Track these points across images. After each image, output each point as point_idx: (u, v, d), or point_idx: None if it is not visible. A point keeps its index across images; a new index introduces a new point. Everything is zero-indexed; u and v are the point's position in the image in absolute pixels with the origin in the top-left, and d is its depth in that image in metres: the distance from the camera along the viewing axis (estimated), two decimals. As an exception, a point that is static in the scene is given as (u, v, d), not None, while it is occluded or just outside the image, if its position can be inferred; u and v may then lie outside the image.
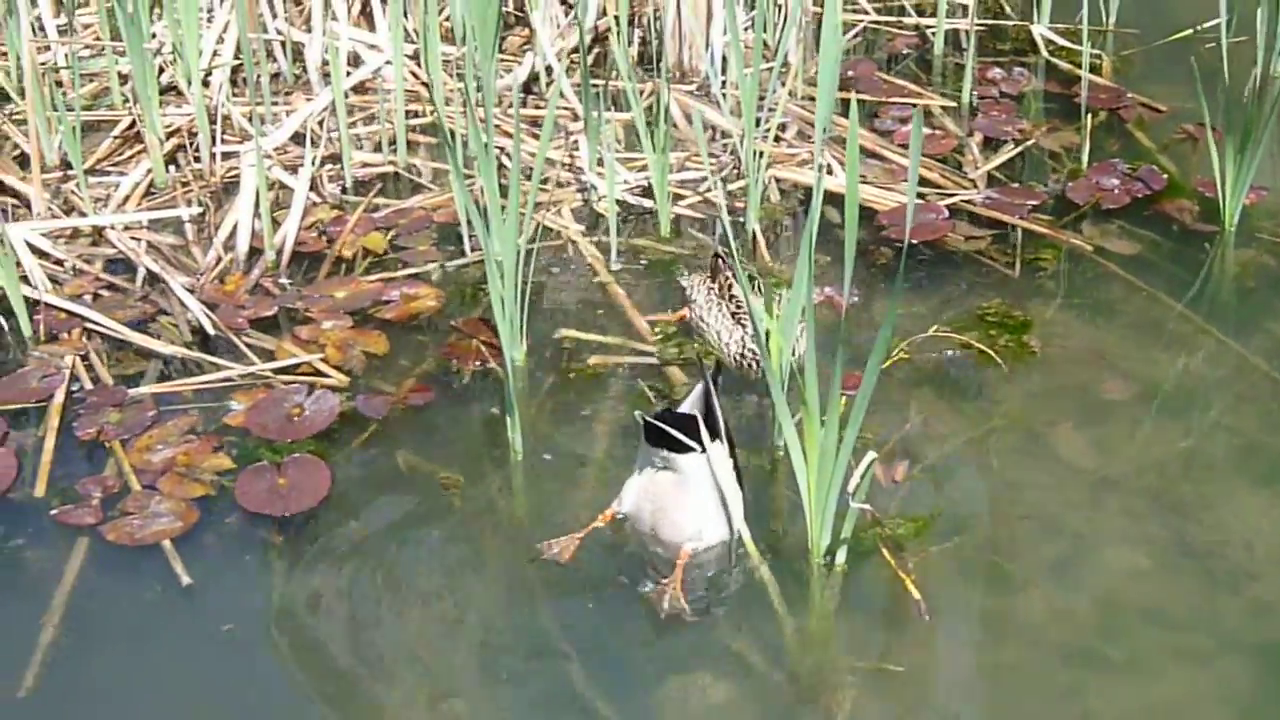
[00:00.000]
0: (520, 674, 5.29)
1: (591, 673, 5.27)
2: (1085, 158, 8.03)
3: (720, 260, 6.63)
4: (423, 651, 5.39)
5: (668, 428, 5.37)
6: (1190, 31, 9.11)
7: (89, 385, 6.53)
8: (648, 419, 5.39)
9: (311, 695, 5.25)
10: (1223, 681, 5.22)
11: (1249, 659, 5.29)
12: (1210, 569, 5.63)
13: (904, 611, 5.44)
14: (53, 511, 5.89)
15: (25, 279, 7.04)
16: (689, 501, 5.48)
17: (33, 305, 6.93)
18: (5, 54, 8.43)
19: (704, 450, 5.40)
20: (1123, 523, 5.83)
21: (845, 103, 7.48)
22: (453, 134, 7.13)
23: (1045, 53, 9.15)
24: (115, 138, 8.15)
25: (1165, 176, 7.85)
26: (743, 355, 6.31)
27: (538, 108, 8.37)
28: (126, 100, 8.33)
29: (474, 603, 5.54)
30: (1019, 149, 8.23)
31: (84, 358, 6.69)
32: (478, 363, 6.59)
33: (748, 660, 5.33)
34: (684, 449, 5.39)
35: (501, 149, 7.80)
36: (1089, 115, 8.28)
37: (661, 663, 5.31)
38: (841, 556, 5.57)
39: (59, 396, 6.43)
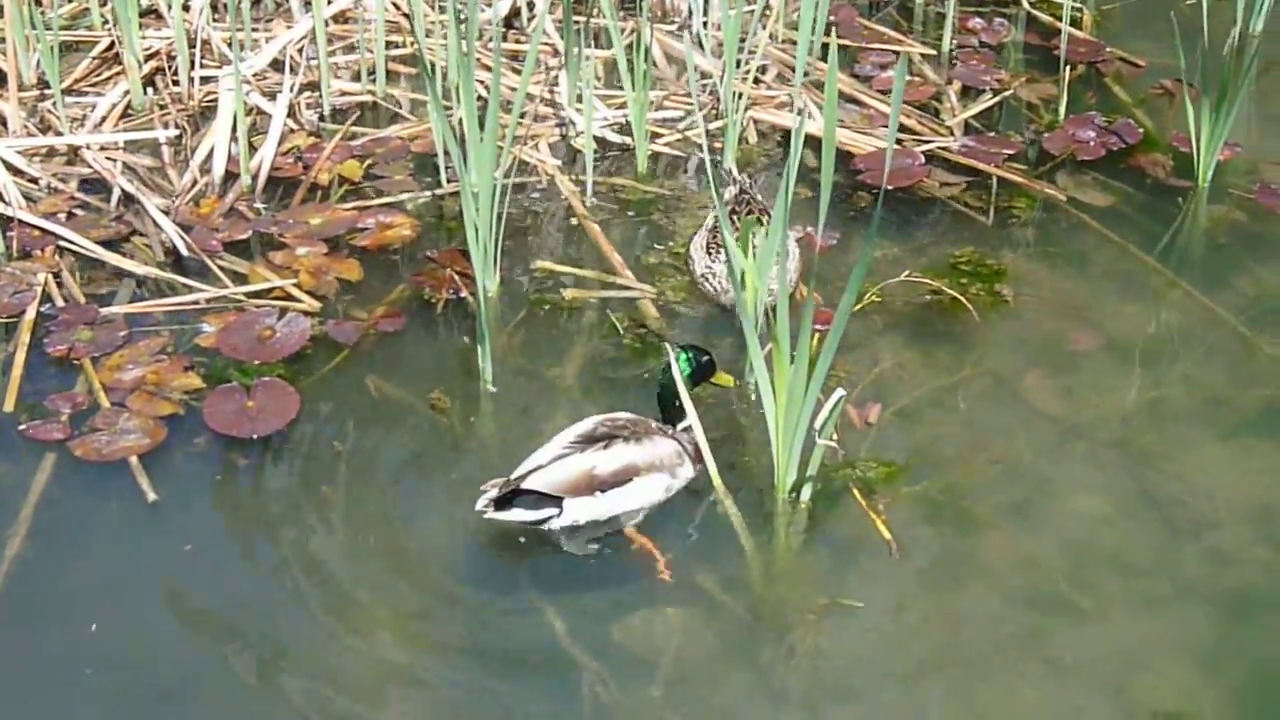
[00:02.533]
0: (476, 602, 5.34)
1: (553, 605, 5.32)
2: (1062, 109, 8.07)
3: (739, 202, 6.76)
4: (378, 573, 5.44)
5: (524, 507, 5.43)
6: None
7: (61, 303, 6.54)
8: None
9: (268, 612, 5.30)
10: (1181, 626, 5.30)
11: (1207, 605, 5.37)
12: (1171, 517, 5.71)
13: (867, 549, 5.52)
14: (21, 426, 5.92)
15: (0, 196, 7.02)
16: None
17: (6, 222, 6.92)
18: (-18, -29, 8.38)
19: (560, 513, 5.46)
20: (1088, 470, 5.90)
21: (825, 47, 7.47)
22: (432, 66, 7.10)
23: (1026, 4, 9.16)
24: (93, 58, 8.12)
25: (1141, 131, 7.89)
26: (704, 277, 6.45)
27: (518, 42, 8.36)
28: (106, 21, 8.29)
29: (430, 531, 5.59)
30: (997, 99, 8.26)
31: (56, 275, 6.70)
32: (451, 292, 6.61)
33: (711, 593, 5.38)
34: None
35: (481, 82, 7.78)
36: (1068, 68, 8.29)
37: (625, 595, 5.36)
38: (807, 494, 5.62)
39: (30, 313, 6.44)
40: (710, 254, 6.53)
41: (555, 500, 5.42)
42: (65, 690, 5.04)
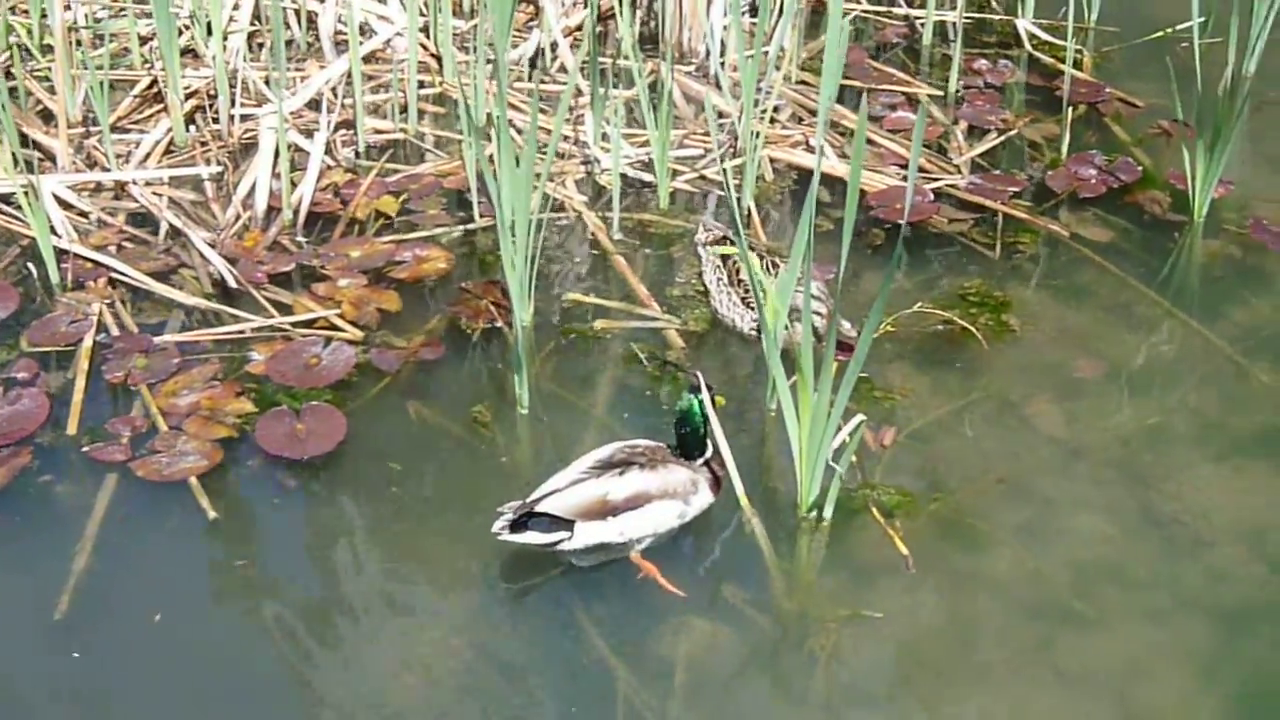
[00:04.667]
0: (514, 612, 5.67)
1: (586, 613, 5.65)
2: (1064, 148, 8.38)
3: (731, 244, 7.06)
4: (424, 585, 5.77)
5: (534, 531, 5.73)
6: (1168, 31, 9.47)
7: (115, 332, 6.86)
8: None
9: (323, 623, 5.63)
10: (1180, 638, 5.61)
11: (1205, 618, 5.68)
12: (1171, 535, 6.02)
13: (883, 564, 5.83)
14: (84, 448, 6.23)
15: (52, 229, 7.34)
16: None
17: (60, 255, 7.25)
18: (27, 12, 8.72)
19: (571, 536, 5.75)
20: (1091, 490, 6.21)
21: (842, 90, 7.79)
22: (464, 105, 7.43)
23: (1029, 46, 9.49)
24: (135, 96, 8.45)
25: (1140, 168, 8.20)
26: (755, 332, 6.72)
27: (541, 83, 8.69)
28: (146, 61, 8.64)
29: (469, 545, 5.89)
30: (1002, 138, 8.58)
31: (110, 305, 7.02)
32: (487, 322, 6.94)
33: (736, 605, 5.70)
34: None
35: (509, 121, 8.11)
36: (1069, 108, 8.62)
37: (654, 607, 5.68)
38: (828, 512, 5.94)
39: (87, 341, 6.76)
40: (727, 290, 6.90)
41: (568, 524, 5.71)
42: (127, 699, 5.35)
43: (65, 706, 5.32)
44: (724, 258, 7.05)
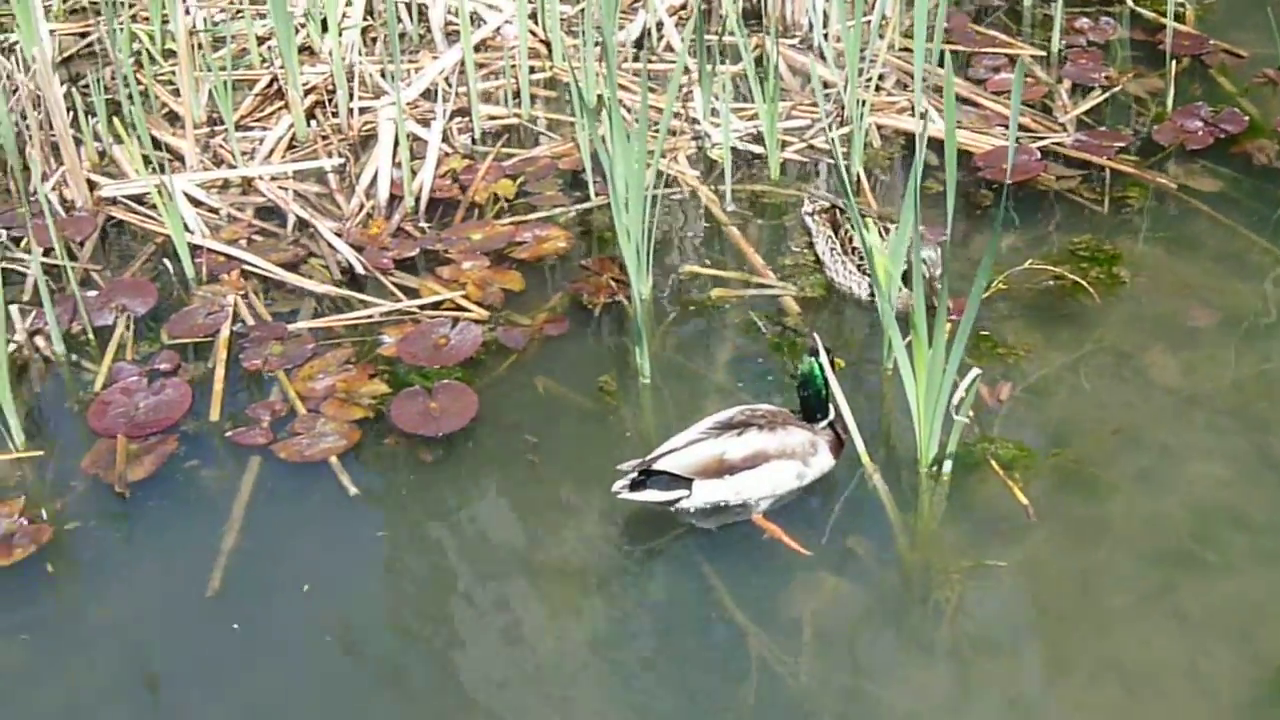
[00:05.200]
0: (644, 573, 5.89)
1: (715, 572, 5.83)
2: (1170, 102, 8.44)
3: (840, 213, 7.20)
4: (558, 549, 5.99)
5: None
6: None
7: (250, 321, 7.12)
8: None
9: (464, 588, 5.88)
10: (1301, 579, 5.71)
11: (1325, 558, 5.78)
12: (1289, 479, 6.11)
13: (1005, 515, 5.96)
14: (227, 433, 6.50)
15: (185, 226, 7.62)
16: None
17: (194, 250, 7.53)
18: (148, 19, 9.02)
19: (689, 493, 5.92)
20: (1207, 437, 6.31)
21: (942, 53, 7.90)
22: (576, 88, 7.62)
23: (1130, 2, 9.52)
24: (256, 95, 8.73)
25: (1246, 118, 8.24)
26: (872, 297, 6.84)
27: (650, 63, 8.86)
28: (264, 60, 8.91)
29: (606, 510, 6.09)
30: (1106, 94, 8.65)
31: (244, 296, 7.29)
32: (607, 297, 7.14)
33: (862, 559, 5.87)
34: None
35: (620, 102, 8.28)
36: (1173, 61, 8.67)
37: (780, 565, 5.85)
38: (948, 467, 6.08)
39: (224, 331, 7.03)
40: (841, 259, 7.06)
41: (686, 482, 5.87)
42: (283, 667, 5.60)
43: (227, 674, 5.57)
44: (835, 228, 7.18)
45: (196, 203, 7.91)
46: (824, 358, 6.07)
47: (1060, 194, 7.80)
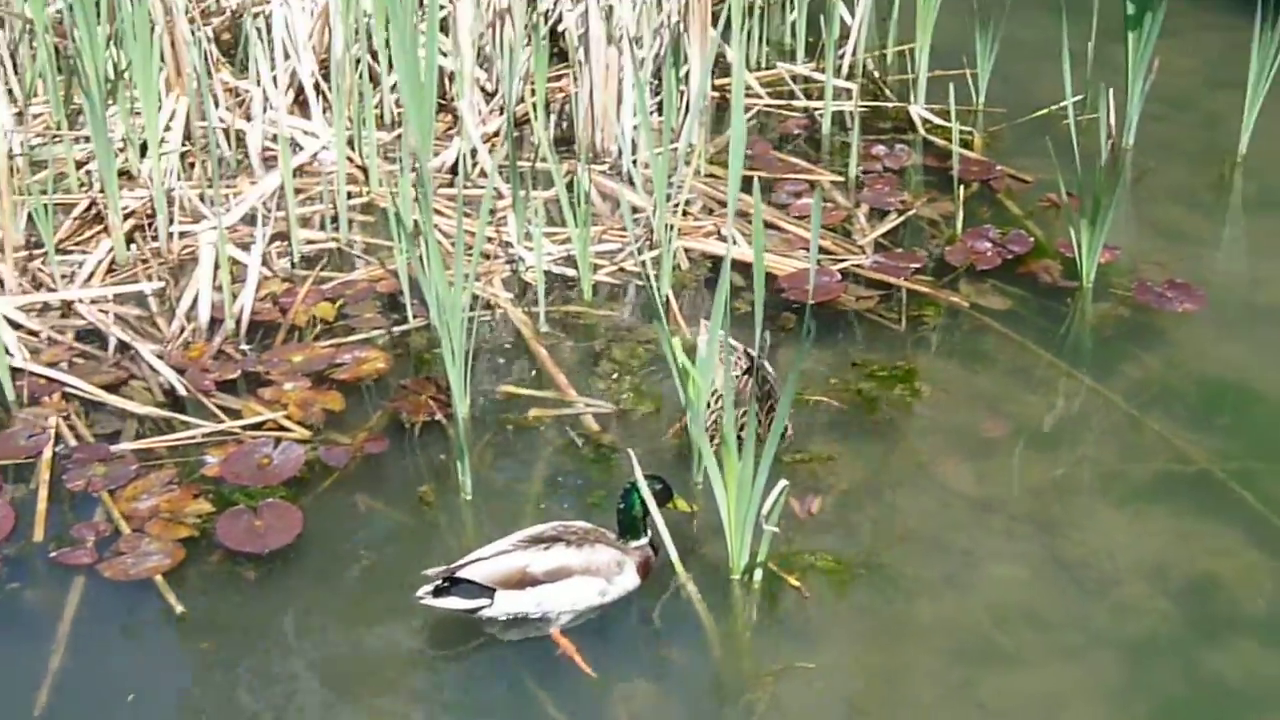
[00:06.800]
0: (465, 678, 6.04)
1: (533, 673, 6.00)
2: (960, 224, 8.88)
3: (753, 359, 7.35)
4: (379, 660, 6.09)
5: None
6: (1049, 110, 10.05)
7: (73, 443, 7.18)
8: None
9: (288, 703, 5.95)
10: (1093, 672, 5.99)
11: (1115, 652, 6.08)
12: (1079, 578, 6.43)
13: (814, 619, 6.21)
14: (51, 554, 6.53)
15: (5, 349, 7.65)
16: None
17: (15, 373, 7.57)
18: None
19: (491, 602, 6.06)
20: (1003, 541, 6.64)
21: (747, 180, 8.23)
22: (393, 213, 7.81)
23: (923, 131, 10.03)
24: (75, 219, 8.80)
25: (1031, 240, 8.71)
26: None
27: (464, 188, 9.08)
28: (83, 184, 8.99)
29: (425, 626, 6.22)
30: (901, 218, 9.08)
31: (66, 418, 7.33)
32: (426, 416, 7.31)
33: (676, 664, 6.07)
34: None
35: (435, 226, 8.50)
36: (962, 186, 9.16)
37: (596, 667, 6.01)
38: (758, 574, 6.33)
39: (47, 453, 7.07)
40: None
41: (490, 591, 6.01)
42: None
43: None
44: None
45: (16, 325, 7.95)
46: (642, 484, 6.22)
47: (860, 313, 8.14)
